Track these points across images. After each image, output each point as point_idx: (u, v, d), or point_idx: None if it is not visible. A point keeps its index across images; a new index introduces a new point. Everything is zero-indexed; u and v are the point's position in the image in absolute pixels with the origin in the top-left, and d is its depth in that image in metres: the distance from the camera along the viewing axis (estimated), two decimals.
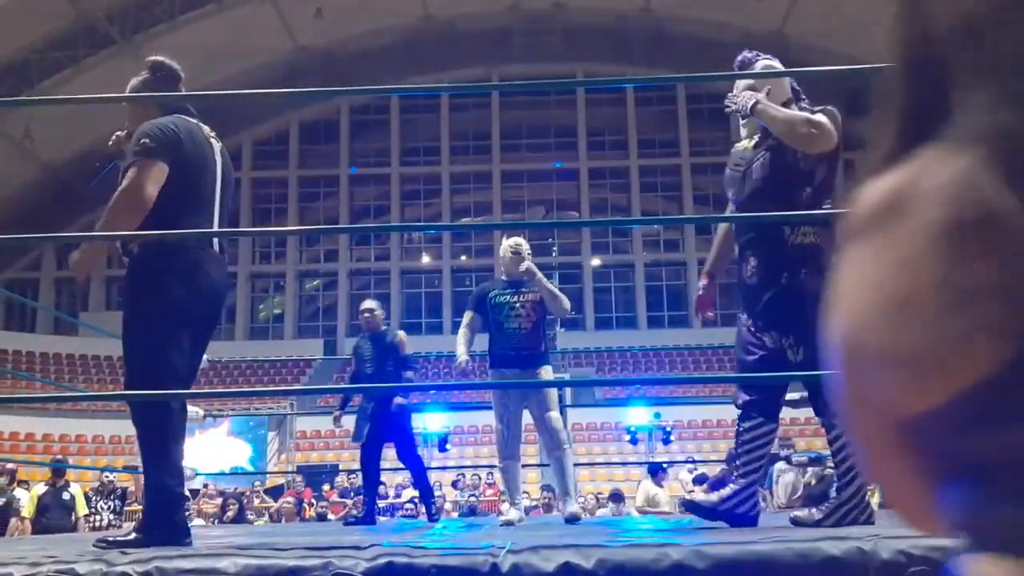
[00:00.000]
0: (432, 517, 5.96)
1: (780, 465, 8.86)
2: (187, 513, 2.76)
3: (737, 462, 2.93)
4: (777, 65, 3.11)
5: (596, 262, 30.73)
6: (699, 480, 10.45)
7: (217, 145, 2.87)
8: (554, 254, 31.12)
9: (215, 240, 2.76)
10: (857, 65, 3.14)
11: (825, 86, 3.64)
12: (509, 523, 4.56)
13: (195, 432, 18.75)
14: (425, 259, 31.55)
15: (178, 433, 2.65)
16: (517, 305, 4.87)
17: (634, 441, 18.16)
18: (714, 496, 2.93)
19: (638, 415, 17.65)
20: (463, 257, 31.20)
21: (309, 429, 22.57)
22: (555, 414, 4.76)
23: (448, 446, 17.09)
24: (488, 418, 5.45)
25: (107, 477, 8.66)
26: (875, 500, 2.59)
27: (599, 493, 12.25)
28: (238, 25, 25.97)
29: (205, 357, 6.19)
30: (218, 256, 2.77)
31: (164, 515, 2.52)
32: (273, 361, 26.52)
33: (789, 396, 6.00)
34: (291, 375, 26.27)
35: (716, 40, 27.87)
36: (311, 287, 31.67)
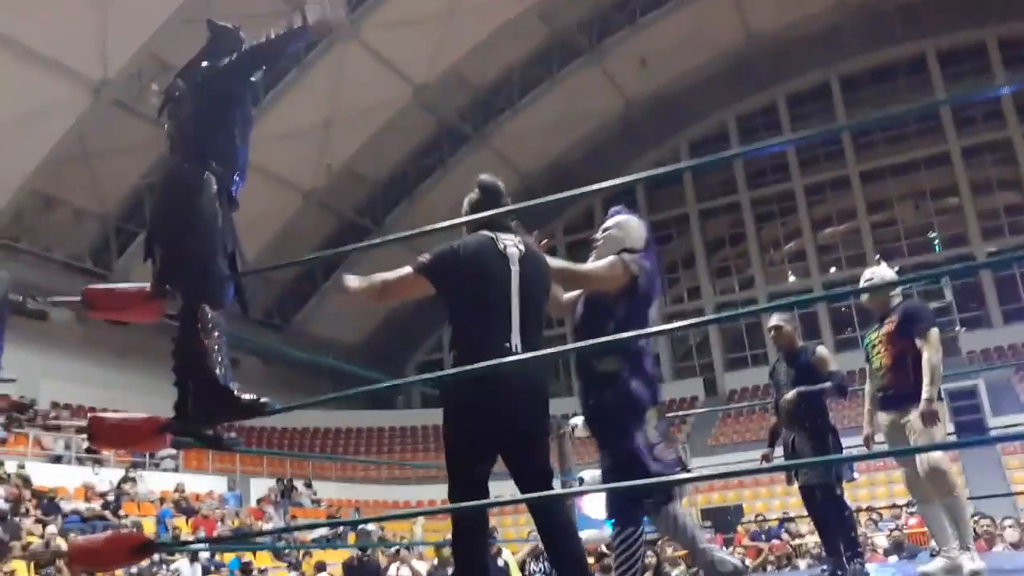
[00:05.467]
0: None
1: None
2: None
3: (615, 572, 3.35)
4: (631, 221, 3.60)
5: (991, 248, 27.25)
6: None
7: (516, 253, 3.04)
8: (938, 248, 28.26)
9: (514, 342, 2.92)
10: None
11: None
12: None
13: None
14: (791, 279, 30.34)
15: (478, 544, 2.98)
16: (877, 343, 4.69)
17: None
18: None
19: None
20: (832, 268, 29.55)
21: (705, 469, 22.45)
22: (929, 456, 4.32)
23: (856, 474, 15.97)
24: None
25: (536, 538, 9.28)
26: None
27: None
28: (570, 95, 27.44)
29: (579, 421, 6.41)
30: (519, 363, 2.84)
31: None
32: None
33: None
34: (676, 417, 26.42)
35: None
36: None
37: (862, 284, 4.71)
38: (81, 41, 18.18)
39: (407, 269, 3.02)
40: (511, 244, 3.08)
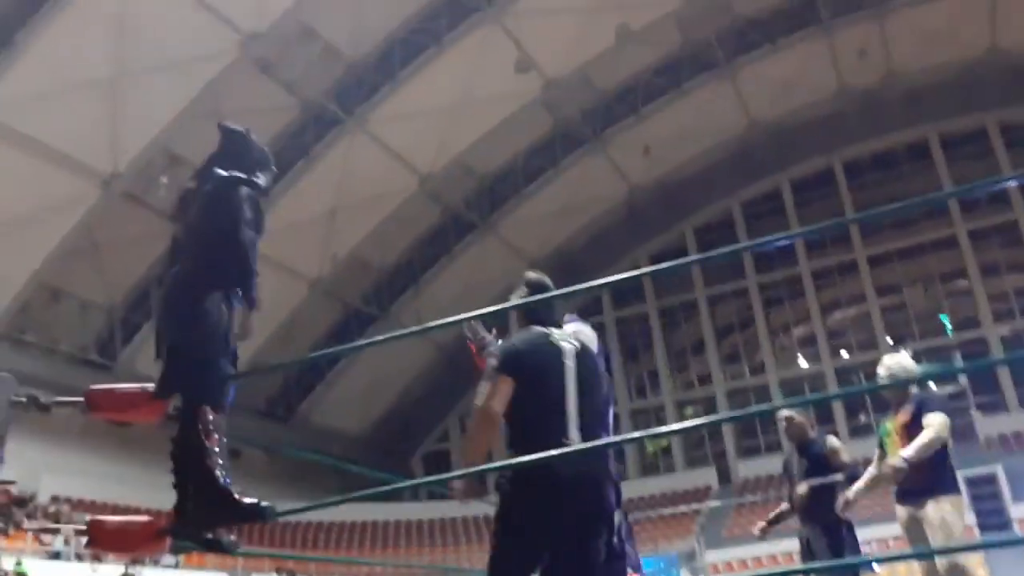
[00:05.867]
0: None
1: None
2: None
3: None
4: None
5: (1003, 331, 26.97)
6: None
7: (570, 348, 3.09)
8: (950, 332, 27.98)
9: (572, 437, 2.90)
10: None
11: None
12: None
13: None
14: (803, 364, 30.03)
15: None
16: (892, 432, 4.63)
17: None
18: None
19: None
20: (843, 352, 29.26)
21: (720, 561, 21.86)
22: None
23: (876, 567, 15.39)
24: None
25: None
26: None
27: None
28: (574, 183, 27.75)
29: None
30: (579, 459, 2.83)
31: None
32: (669, 494, 26.40)
33: None
34: (688, 507, 25.85)
35: None
36: (691, 414, 31.36)
37: (880, 371, 4.72)
38: (92, 135, 18.54)
39: (487, 384, 3.01)
40: (565, 340, 3.12)
